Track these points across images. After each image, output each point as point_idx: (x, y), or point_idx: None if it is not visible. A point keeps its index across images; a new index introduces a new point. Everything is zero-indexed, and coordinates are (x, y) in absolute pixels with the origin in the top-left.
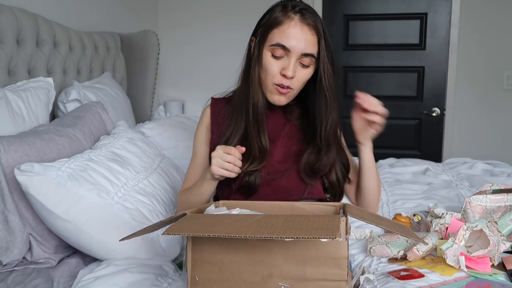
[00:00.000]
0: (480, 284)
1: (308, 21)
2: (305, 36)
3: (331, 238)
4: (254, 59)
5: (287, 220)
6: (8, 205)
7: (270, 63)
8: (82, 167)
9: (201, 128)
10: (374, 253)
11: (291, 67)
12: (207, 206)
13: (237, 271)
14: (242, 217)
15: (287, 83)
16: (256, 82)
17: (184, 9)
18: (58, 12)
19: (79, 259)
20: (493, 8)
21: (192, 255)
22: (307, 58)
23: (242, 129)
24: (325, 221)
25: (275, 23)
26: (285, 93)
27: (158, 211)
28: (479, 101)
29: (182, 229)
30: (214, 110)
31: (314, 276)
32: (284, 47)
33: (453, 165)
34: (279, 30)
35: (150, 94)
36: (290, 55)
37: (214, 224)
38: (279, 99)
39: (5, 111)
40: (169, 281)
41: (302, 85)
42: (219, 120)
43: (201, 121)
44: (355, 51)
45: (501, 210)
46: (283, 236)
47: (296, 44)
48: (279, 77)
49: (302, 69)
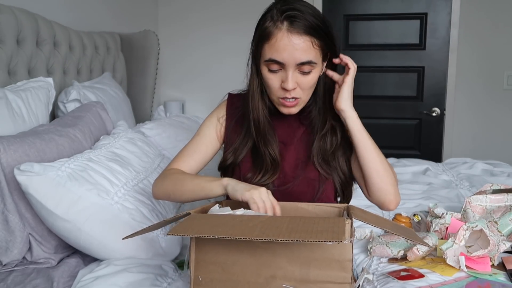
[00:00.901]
0: (480, 284)
1: (297, 29)
2: (296, 46)
3: (337, 241)
4: (253, 74)
5: (292, 222)
6: (8, 205)
7: (270, 78)
8: (82, 167)
9: (213, 116)
10: (374, 253)
11: (289, 80)
12: (211, 206)
13: (240, 272)
14: (247, 218)
15: (291, 95)
16: (256, 98)
17: (184, 9)
18: (58, 12)
19: (79, 259)
20: (493, 8)
21: (195, 255)
22: (305, 66)
23: (251, 141)
24: (330, 224)
25: (265, 35)
26: (292, 105)
27: (158, 211)
28: (479, 101)
29: (186, 230)
30: (230, 103)
31: (318, 278)
32: (277, 61)
33: (453, 165)
34: (269, 44)
35: (150, 94)
36: (286, 68)
37: (219, 225)
38: (289, 111)
39: (5, 111)
40: (169, 281)
41: (310, 91)
42: (232, 114)
43: (215, 110)
44: (355, 51)
45: (501, 210)
46: (288, 239)
47: (288, 56)
48: (281, 91)
49: (303, 77)
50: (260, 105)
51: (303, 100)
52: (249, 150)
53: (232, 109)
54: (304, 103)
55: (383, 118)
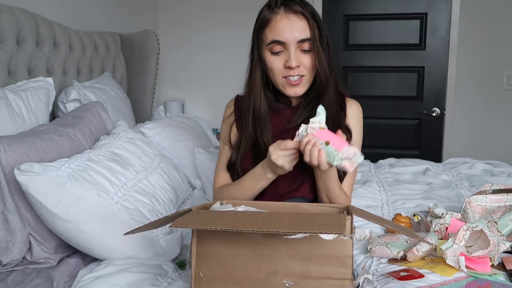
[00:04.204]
0: (480, 284)
1: (293, 9)
2: (295, 24)
3: (338, 233)
4: (255, 63)
5: (293, 217)
6: (8, 205)
7: (273, 61)
8: (82, 167)
9: (223, 121)
10: (374, 253)
11: (292, 57)
12: (213, 204)
13: (241, 267)
14: (249, 213)
15: (295, 73)
16: (258, 86)
17: (184, 9)
18: (58, 12)
19: (79, 259)
20: (493, 8)
21: (196, 251)
22: (305, 43)
23: (250, 136)
24: (331, 219)
25: (264, 22)
26: (297, 83)
27: (158, 211)
28: (479, 101)
29: (188, 222)
30: (236, 102)
31: (318, 274)
32: (279, 41)
33: (453, 165)
34: (270, 28)
35: (150, 94)
36: (288, 47)
37: (221, 219)
38: (295, 91)
39: (5, 111)
40: (169, 281)
41: (312, 70)
42: (238, 111)
43: (224, 113)
44: (355, 51)
45: (501, 210)
46: (289, 231)
47: (289, 34)
48: (285, 70)
49: (304, 55)
50: (262, 93)
51: (307, 79)
52: (250, 146)
53: (238, 107)
54: (308, 83)
55: (383, 118)
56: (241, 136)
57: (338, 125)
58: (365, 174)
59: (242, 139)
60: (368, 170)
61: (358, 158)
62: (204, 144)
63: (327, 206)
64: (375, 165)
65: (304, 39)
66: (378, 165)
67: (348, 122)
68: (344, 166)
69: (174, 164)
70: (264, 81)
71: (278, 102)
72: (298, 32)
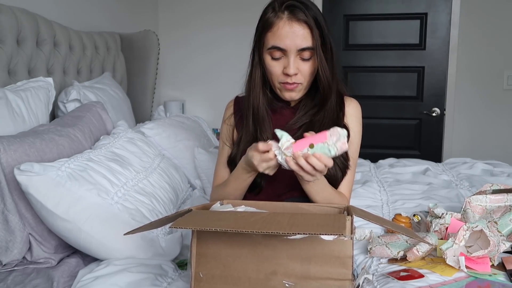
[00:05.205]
0: (480, 284)
1: (297, 17)
2: (297, 32)
3: (338, 234)
4: (255, 64)
5: (293, 217)
6: (8, 205)
7: (272, 66)
8: (82, 167)
9: (223, 122)
10: (374, 253)
11: (291, 65)
12: (213, 204)
13: (241, 268)
14: (248, 213)
15: (292, 81)
16: (257, 86)
17: (184, 9)
18: (58, 12)
19: (79, 259)
20: (493, 8)
21: (196, 251)
22: (305, 52)
23: (250, 134)
24: (331, 219)
25: (267, 25)
26: (293, 88)
27: (158, 211)
28: (479, 101)
29: (188, 223)
30: (236, 103)
31: (318, 275)
32: (279, 48)
33: (453, 165)
34: (272, 33)
35: (150, 94)
36: (288, 54)
37: (220, 219)
38: (291, 95)
39: (5, 111)
40: (169, 281)
41: (310, 77)
42: (238, 112)
43: (224, 114)
44: (355, 51)
45: (501, 210)
46: (289, 232)
47: (290, 42)
48: (283, 76)
49: (304, 63)
50: (261, 94)
51: (304, 86)
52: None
53: (238, 107)
54: (304, 89)
55: (383, 118)
56: (241, 133)
57: (336, 124)
58: (365, 174)
59: (242, 136)
60: (368, 170)
61: (341, 132)
62: (204, 144)
63: (327, 206)
64: (375, 165)
65: (304, 48)
66: (378, 165)
67: (347, 121)
68: (341, 148)
69: (174, 164)
70: (263, 81)
71: (277, 101)
72: (299, 40)
